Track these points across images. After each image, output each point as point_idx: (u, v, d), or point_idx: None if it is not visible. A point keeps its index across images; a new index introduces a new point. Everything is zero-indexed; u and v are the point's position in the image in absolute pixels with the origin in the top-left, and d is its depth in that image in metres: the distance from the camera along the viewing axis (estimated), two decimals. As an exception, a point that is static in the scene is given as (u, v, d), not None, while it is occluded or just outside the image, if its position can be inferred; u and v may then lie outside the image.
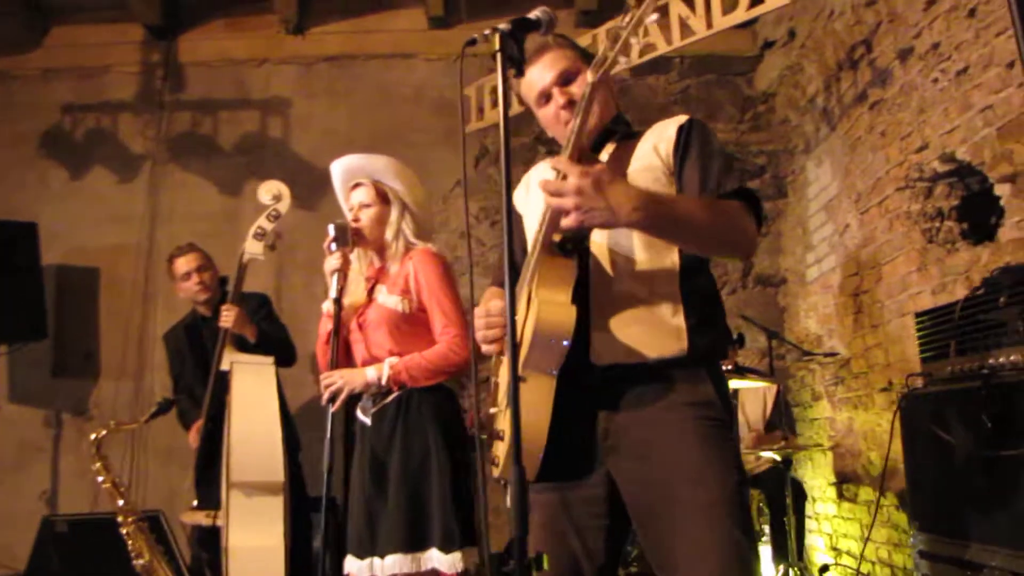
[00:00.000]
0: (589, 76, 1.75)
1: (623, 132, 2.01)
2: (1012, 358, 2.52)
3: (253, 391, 3.53)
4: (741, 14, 3.84)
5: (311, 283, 5.46)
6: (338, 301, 2.86)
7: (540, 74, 1.97)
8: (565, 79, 1.96)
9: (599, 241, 1.86)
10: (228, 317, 3.74)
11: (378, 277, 3.00)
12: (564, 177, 1.61)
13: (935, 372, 2.89)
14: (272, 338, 3.99)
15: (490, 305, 1.97)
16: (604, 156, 1.98)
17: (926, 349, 2.96)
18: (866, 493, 4.43)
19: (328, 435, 2.75)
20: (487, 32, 1.70)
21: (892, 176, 4.00)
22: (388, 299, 2.90)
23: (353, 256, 3.02)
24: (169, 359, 4.34)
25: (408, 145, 5.36)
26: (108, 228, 5.51)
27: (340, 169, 3.11)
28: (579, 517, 1.85)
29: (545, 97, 1.99)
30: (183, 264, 4.11)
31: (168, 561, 3.72)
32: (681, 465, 1.74)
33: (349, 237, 2.95)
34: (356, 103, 5.64)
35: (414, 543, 2.69)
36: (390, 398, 2.83)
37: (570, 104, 1.94)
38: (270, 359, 3.64)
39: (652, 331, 1.80)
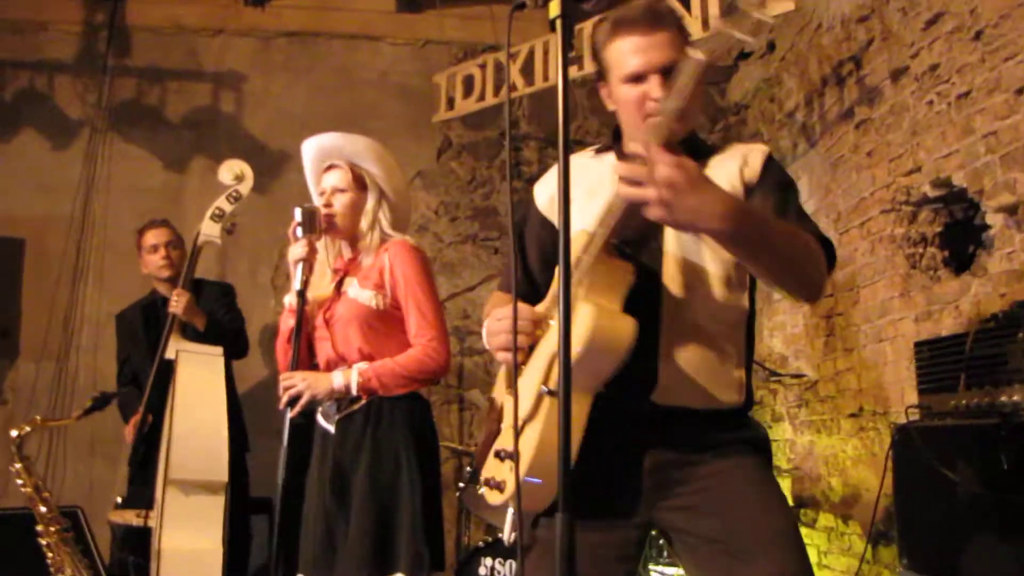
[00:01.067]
0: (699, 54, 1.49)
1: (695, 146, 1.79)
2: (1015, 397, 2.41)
3: (199, 383, 3.26)
4: (740, 19, 3.68)
5: (257, 271, 5.15)
6: (302, 294, 2.60)
7: (644, 51, 1.70)
8: (668, 68, 1.69)
9: (673, 253, 1.67)
10: (178, 303, 3.48)
11: (348, 269, 2.74)
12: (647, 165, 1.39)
13: (935, 405, 2.78)
14: (224, 328, 3.73)
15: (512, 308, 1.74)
16: None
17: (926, 380, 2.84)
18: (826, 519, 4.35)
19: (284, 442, 2.49)
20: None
21: (877, 197, 3.91)
22: (360, 294, 2.64)
23: (320, 245, 2.75)
24: (119, 341, 4.03)
25: (369, 132, 4.87)
26: (37, 197, 5.07)
27: (314, 147, 2.82)
28: (602, 560, 1.65)
29: (636, 78, 1.72)
30: (153, 236, 3.89)
31: (87, 565, 3.39)
32: (748, 500, 1.63)
33: (318, 223, 2.66)
34: (316, 83, 5.33)
35: (379, 566, 2.45)
36: (357, 405, 2.57)
37: None
38: (219, 350, 3.38)
39: (719, 378, 1.68)
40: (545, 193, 1.96)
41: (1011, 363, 2.48)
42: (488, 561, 3.45)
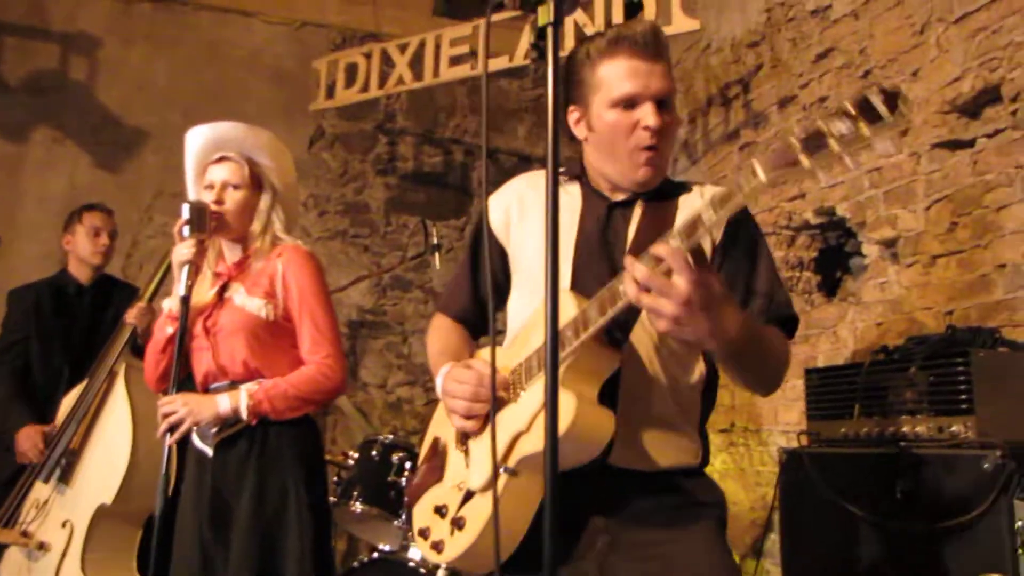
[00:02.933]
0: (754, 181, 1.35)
1: (666, 187, 1.73)
2: (917, 429, 2.51)
3: (149, 403, 2.97)
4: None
5: (106, 258, 4.69)
6: (187, 300, 2.31)
7: (644, 76, 1.61)
8: (664, 102, 1.63)
9: (642, 333, 1.61)
10: (143, 317, 3.14)
11: (233, 274, 2.47)
12: (667, 272, 1.33)
13: (824, 431, 2.85)
14: None
15: (481, 369, 1.64)
16: (636, 209, 1.70)
17: (815, 406, 2.92)
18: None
19: (163, 470, 2.22)
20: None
21: (759, 219, 4.01)
22: (248, 302, 2.39)
23: None
24: (10, 319, 3.57)
25: (236, 114, 4.57)
26: None
27: (207, 137, 2.49)
28: None
29: (628, 103, 1.62)
30: (98, 219, 3.58)
31: None
32: (698, 567, 1.57)
33: (208, 222, 2.39)
34: (180, 57, 4.92)
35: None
36: (239, 426, 2.33)
37: (659, 133, 1.62)
38: None
39: (675, 441, 1.64)
40: (500, 212, 1.83)
41: (904, 395, 2.57)
42: (366, 581, 3.27)
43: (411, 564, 3.21)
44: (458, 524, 1.62)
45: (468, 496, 1.63)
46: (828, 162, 1.27)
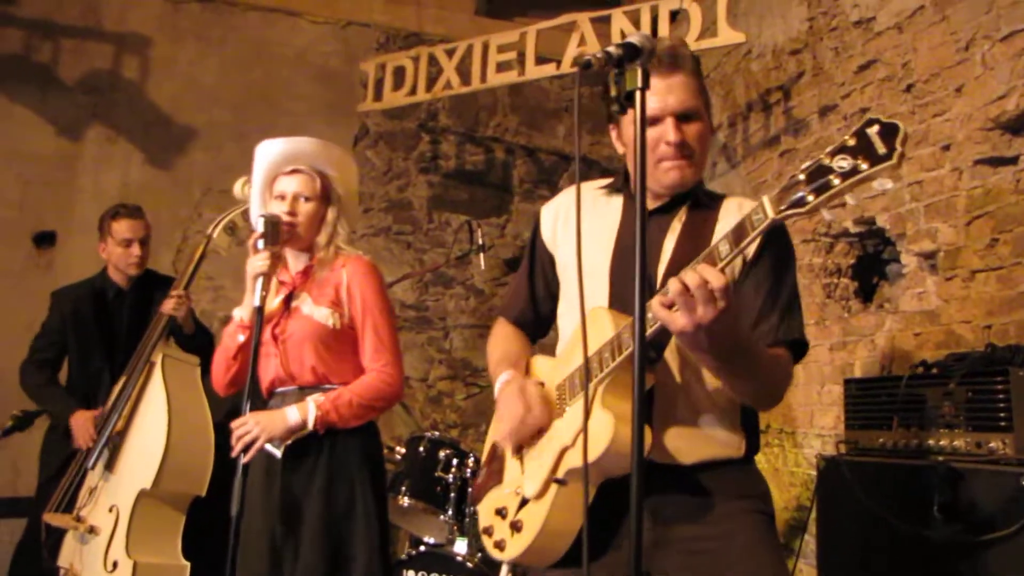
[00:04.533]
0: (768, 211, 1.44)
1: (699, 198, 1.82)
2: (955, 443, 2.59)
3: (184, 391, 3.15)
4: (691, 44, 3.75)
5: (156, 254, 4.82)
6: (261, 311, 2.39)
7: (661, 94, 1.70)
8: (686, 115, 1.73)
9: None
10: (180, 305, 3.27)
11: (298, 283, 2.58)
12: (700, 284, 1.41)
13: (862, 441, 2.94)
14: (210, 336, 3.59)
15: (529, 388, 1.80)
16: (676, 222, 1.80)
17: (855, 416, 3.01)
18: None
19: (239, 481, 2.30)
20: (606, 51, 1.43)
21: (798, 227, 4.08)
22: (316, 311, 2.51)
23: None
24: (50, 321, 3.64)
25: (283, 112, 4.88)
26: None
27: (282, 150, 2.58)
28: None
29: (650, 121, 1.70)
30: (127, 229, 3.54)
31: None
32: (746, 567, 1.65)
33: (280, 235, 2.49)
34: (228, 56, 5.04)
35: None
36: (307, 431, 2.44)
37: (680, 147, 1.73)
38: (196, 359, 3.25)
39: (715, 434, 1.73)
40: (550, 221, 1.97)
41: (942, 410, 2.65)
42: (411, 574, 3.41)
43: (458, 558, 3.35)
44: (516, 527, 1.77)
45: (524, 502, 1.78)
46: (830, 199, 1.36)
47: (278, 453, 2.45)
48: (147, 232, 3.63)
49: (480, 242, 4.31)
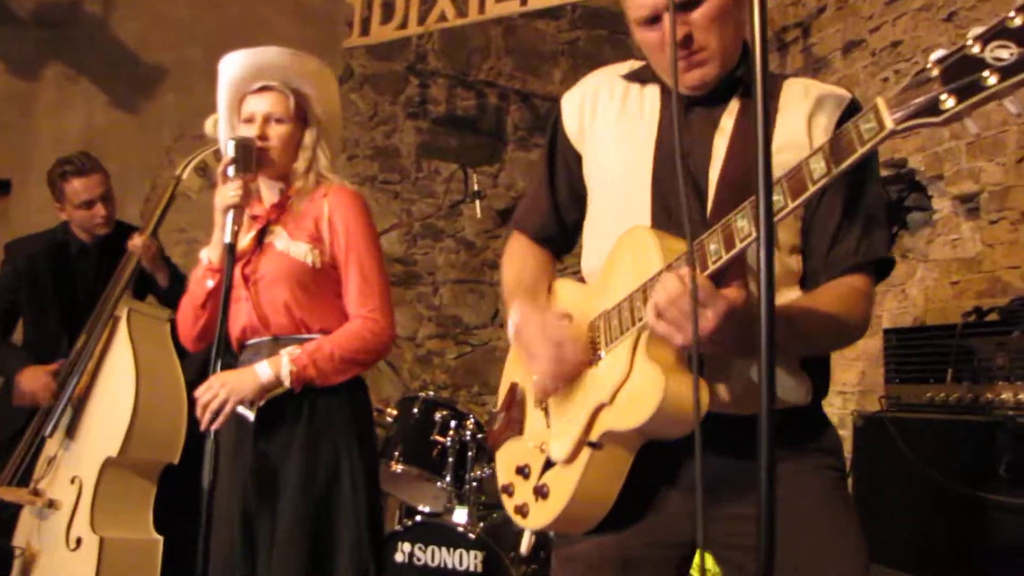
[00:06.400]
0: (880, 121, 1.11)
1: (749, 81, 1.49)
2: (1020, 396, 2.35)
3: (153, 348, 2.88)
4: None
5: (123, 203, 4.46)
6: (232, 248, 2.09)
7: None
8: (685, 3, 1.39)
9: None
10: (148, 248, 2.97)
11: (273, 216, 2.24)
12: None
13: (904, 396, 2.70)
14: (185, 288, 3.21)
15: (553, 322, 1.50)
16: (727, 117, 1.48)
17: (897, 370, 2.76)
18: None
19: (211, 447, 2.00)
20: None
21: (819, 172, 3.82)
22: (292, 247, 2.18)
23: None
24: (3, 277, 3.25)
25: None
26: None
27: (247, 64, 2.22)
28: (646, 548, 1.49)
29: (650, 21, 1.43)
30: (83, 189, 3.13)
31: None
32: (811, 529, 1.41)
33: (253, 160, 2.15)
34: (201, -11, 4.64)
35: (316, 572, 2.09)
36: (282, 389, 2.12)
37: (687, 43, 1.40)
38: (166, 313, 2.95)
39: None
40: (575, 111, 1.65)
41: (1002, 361, 2.41)
42: (406, 547, 3.12)
43: (459, 528, 3.08)
44: (542, 492, 1.51)
45: (550, 463, 1.51)
46: (980, 104, 1.00)
47: (250, 416, 2.12)
48: (107, 186, 3.23)
49: (475, 188, 4.01)
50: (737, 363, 1.41)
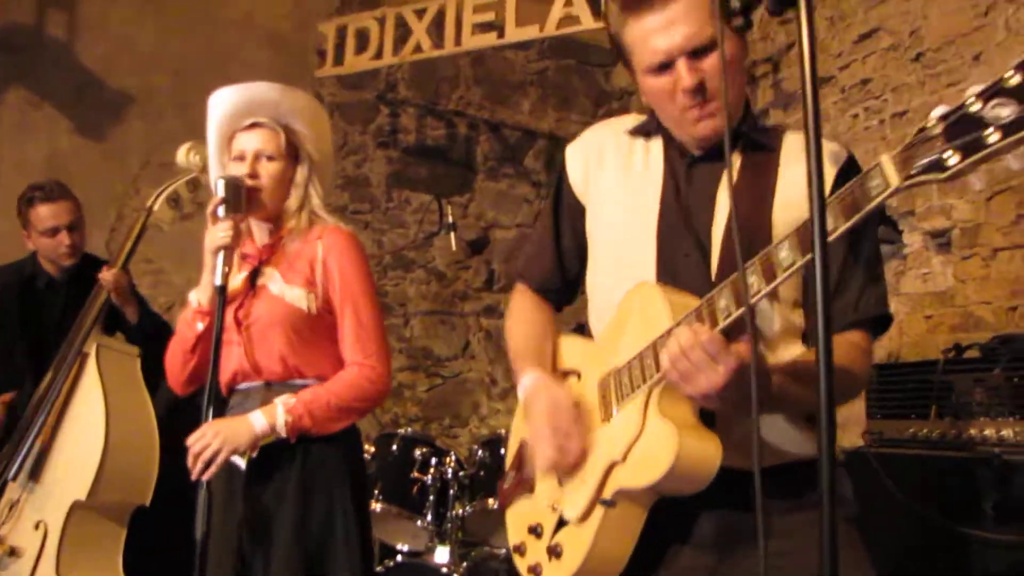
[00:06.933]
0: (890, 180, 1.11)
1: (752, 135, 1.51)
2: (1003, 433, 2.39)
3: (123, 386, 2.79)
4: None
5: (88, 232, 4.34)
6: (223, 290, 2.03)
7: (662, 32, 1.39)
8: (699, 49, 1.39)
9: None
10: (117, 283, 2.87)
11: (264, 257, 2.19)
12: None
13: (887, 432, 2.73)
14: (159, 322, 3.17)
15: (562, 406, 1.50)
16: (725, 174, 1.48)
17: (879, 405, 2.79)
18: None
19: (204, 498, 1.95)
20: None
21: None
22: (288, 291, 2.12)
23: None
24: None
25: (229, 79, 4.37)
26: None
27: (237, 100, 2.18)
28: None
29: (661, 68, 1.42)
30: (50, 216, 3.05)
31: None
32: None
33: (243, 200, 2.11)
34: (168, 16, 4.55)
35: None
36: (274, 436, 2.06)
37: (700, 90, 1.40)
38: (136, 350, 2.87)
39: (784, 432, 1.44)
40: (579, 164, 1.64)
41: (984, 397, 2.45)
42: (388, 586, 3.08)
43: (442, 569, 3.04)
44: (555, 552, 1.49)
45: (563, 522, 1.50)
46: (982, 161, 1.00)
47: (242, 464, 2.06)
48: (75, 215, 3.15)
49: (450, 220, 3.99)
50: (745, 423, 1.40)
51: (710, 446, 1.33)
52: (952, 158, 1.02)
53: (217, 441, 1.98)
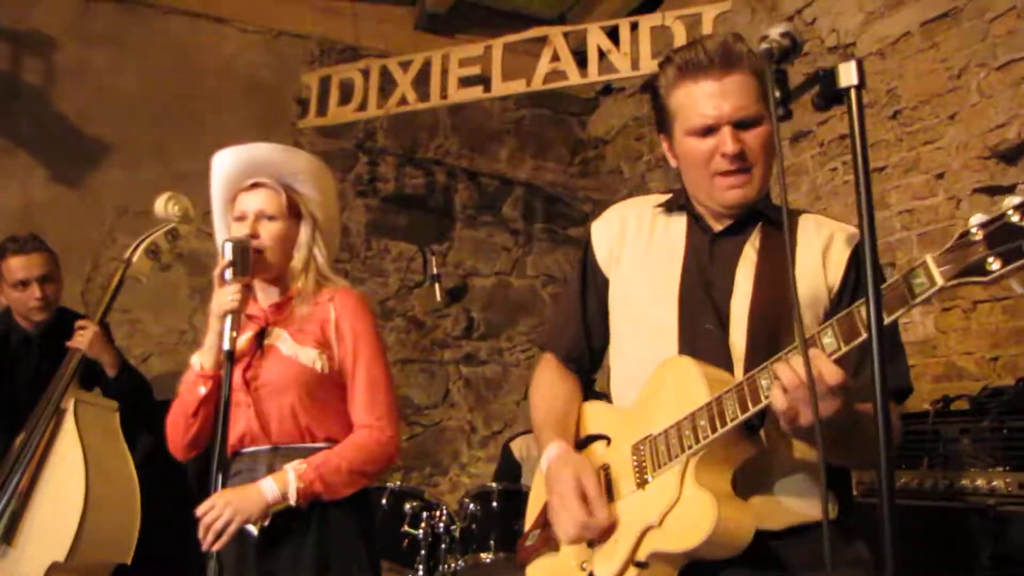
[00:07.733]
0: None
1: (768, 213, 1.59)
2: (994, 483, 2.45)
3: (103, 442, 2.74)
4: (671, 65, 3.58)
5: (64, 279, 4.26)
6: (232, 355, 2.00)
7: (715, 99, 1.49)
8: (746, 121, 1.50)
9: None
10: (85, 337, 2.81)
11: (271, 318, 2.17)
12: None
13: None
14: (138, 377, 3.13)
15: (589, 477, 1.54)
16: (749, 247, 1.57)
17: (870, 457, 2.84)
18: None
19: (214, 568, 1.91)
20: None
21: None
22: (301, 352, 2.10)
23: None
24: None
25: (208, 127, 4.42)
26: None
27: (239, 160, 2.18)
28: None
29: (705, 132, 1.51)
30: (20, 268, 2.99)
31: None
32: None
33: (251, 263, 2.08)
34: (148, 63, 4.50)
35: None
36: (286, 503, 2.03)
37: (739, 158, 1.49)
38: (115, 405, 2.83)
39: (803, 496, 1.49)
40: (603, 240, 1.73)
41: (974, 448, 2.51)
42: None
43: (436, 625, 3.00)
44: None
45: None
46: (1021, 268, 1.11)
47: (254, 531, 2.01)
48: (49, 268, 3.09)
49: (435, 271, 4.00)
50: (766, 481, 1.48)
51: (746, 516, 1.41)
52: (995, 263, 1.13)
53: (228, 511, 1.93)
